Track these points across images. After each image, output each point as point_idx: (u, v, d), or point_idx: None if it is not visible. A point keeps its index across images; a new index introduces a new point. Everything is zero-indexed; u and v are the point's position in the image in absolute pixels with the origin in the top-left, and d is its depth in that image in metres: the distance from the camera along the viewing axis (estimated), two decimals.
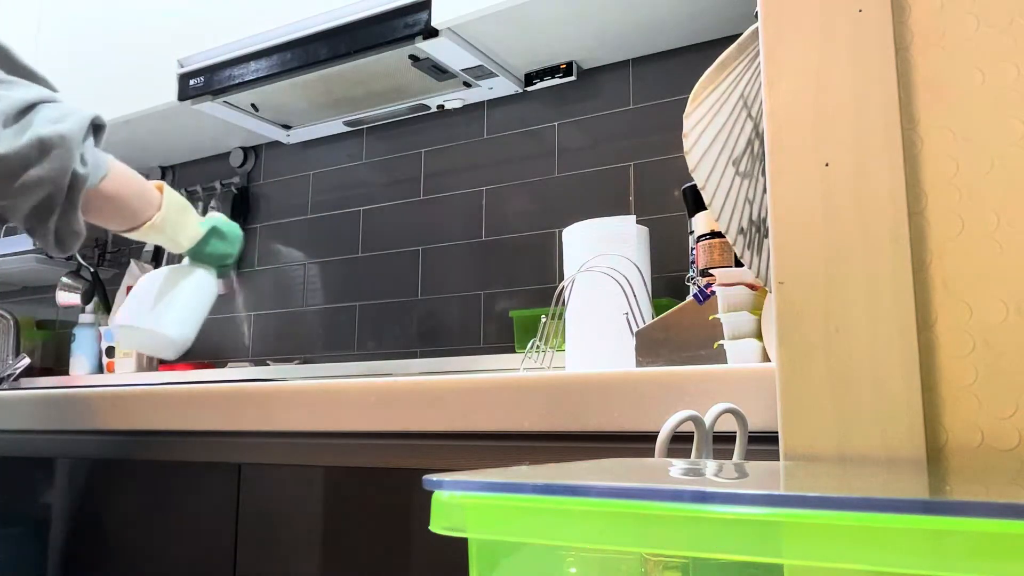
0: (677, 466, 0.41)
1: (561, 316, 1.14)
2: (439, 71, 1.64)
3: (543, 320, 1.18)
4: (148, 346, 1.10)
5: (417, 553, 0.76)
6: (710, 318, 0.82)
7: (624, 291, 1.08)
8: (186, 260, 1.14)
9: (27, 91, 0.88)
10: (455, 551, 0.73)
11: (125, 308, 1.09)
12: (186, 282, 1.10)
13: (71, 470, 1.07)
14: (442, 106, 1.82)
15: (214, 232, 1.12)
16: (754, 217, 0.63)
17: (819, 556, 0.26)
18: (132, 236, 1.01)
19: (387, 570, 0.77)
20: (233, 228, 1.17)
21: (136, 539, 0.98)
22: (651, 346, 0.88)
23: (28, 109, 0.87)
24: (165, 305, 1.08)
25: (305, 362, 1.96)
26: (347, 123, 1.93)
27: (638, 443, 0.64)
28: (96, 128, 0.92)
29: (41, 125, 0.86)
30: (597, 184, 1.68)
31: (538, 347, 1.15)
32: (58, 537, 1.06)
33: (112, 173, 0.94)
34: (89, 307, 2.22)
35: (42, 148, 0.85)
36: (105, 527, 1.01)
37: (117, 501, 1.01)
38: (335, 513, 0.82)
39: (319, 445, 0.84)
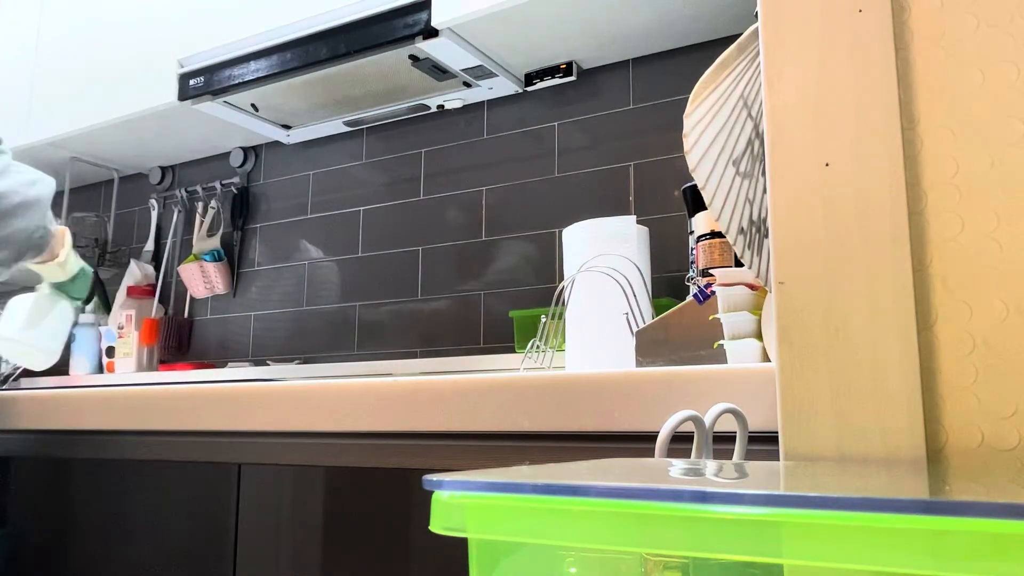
0: (677, 466, 0.41)
1: (561, 316, 1.14)
2: (439, 71, 1.64)
3: (543, 320, 1.18)
4: (22, 357, 1.31)
5: (417, 553, 0.76)
6: (710, 318, 0.82)
7: (624, 291, 1.08)
8: (45, 289, 1.37)
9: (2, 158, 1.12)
10: (455, 551, 0.73)
11: (6, 323, 1.31)
12: (57, 309, 1.34)
13: (71, 470, 1.07)
14: (442, 106, 1.82)
15: (82, 273, 1.37)
16: (754, 217, 0.63)
17: (819, 556, 0.26)
18: (34, 267, 1.26)
19: (387, 570, 0.77)
20: (88, 274, 1.42)
21: (136, 539, 0.98)
22: (651, 346, 0.88)
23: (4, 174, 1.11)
24: (43, 327, 1.32)
25: (305, 362, 1.96)
26: (347, 123, 1.93)
27: (638, 443, 0.64)
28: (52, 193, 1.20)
29: (24, 188, 1.12)
30: (597, 184, 1.68)
31: (538, 347, 1.15)
32: (58, 537, 1.06)
33: (59, 231, 1.23)
34: (89, 307, 2.22)
35: (26, 207, 1.12)
36: (105, 527, 1.01)
37: (117, 501, 1.01)
38: (335, 513, 0.82)
39: (319, 445, 0.84)
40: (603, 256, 1.12)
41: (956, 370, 0.43)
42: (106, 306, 2.22)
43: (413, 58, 1.58)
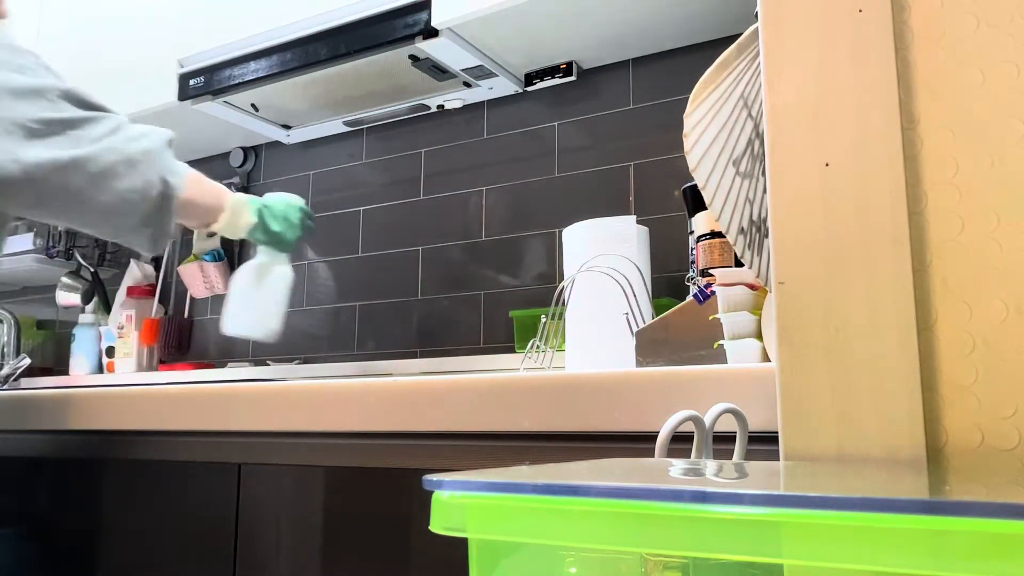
0: (677, 466, 0.41)
1: (561, 316, 1.14)
2: (439, 71, 1.64)
3: (543, 320, 1.18)
4: (249, 334, 1.33)
5: (417, 553, 0.76)
6: (710, 318, 0.82)
7: (624, 291, 1.08)
8: (260, 254, 1.31)
9: (106, 122, 1.02)
10: (455, 551, 0.73)
11: (234, 318, 1.32)
12: (270, 281, 1.32)
13: (71, 470, 1.07)
14: (442, 106, 1.82)
15: (264, 215, 1.26)
16: (754, 217, 0.63)
17: (819, 556, 0.26)
18: (205, 230, 1.20)
19: (387, 570, 0.77)
20: (282, 206, 1.30)
21: (136, 539, 0.98)
22: (651, 346, 0.88)
23: (109, 134, 1.01)
24: (263, 311, 1.32)
25: (305, 362, 1.96)
26: (347, 123, 1.93)
27: (638, 443, 0.64)
28: (169, 142, 1.09)
29: (124, 144, 1.01)
30: (597, 184, 1.68)
31: (538, 347, 1.15)
32: (57, 537, 1.06)
33: (189, 180, 1.10)
34: (89, 307, 2.22)
35: (130, 163, 1.00)
36: (105, 527, 1.01)
37: (117, 501, 1.01)
38: (335, 513, 0.82)
39: (319, 445, 0.84)
40: (603, 256, 1.12)
41: (956, 370, 0.43)
42: (106, 306, 2.22)
43: (413, 58, 1.58)
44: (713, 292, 0.83)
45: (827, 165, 0.46)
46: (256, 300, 1.31)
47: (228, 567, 0.89)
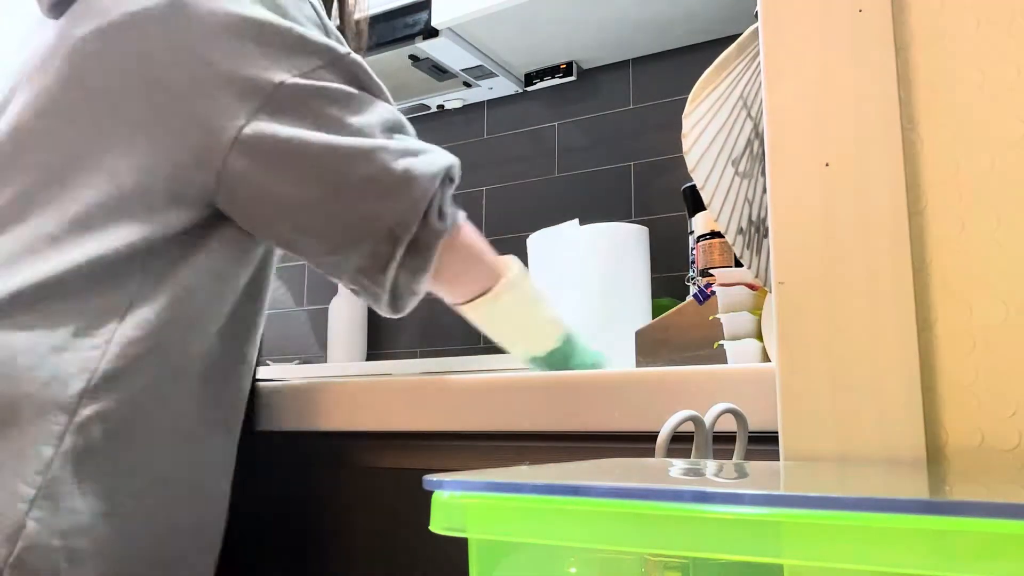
0: (677, 466, 0.41)
1: None
2: (439, 71, 1.64)
3: None
4: None
5: (417, 553, 0.76)
6: (710, 318, 0.82)
7: (628, 291, 1.08)
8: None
9: (385, 112, 0.73)
10: (455, 551, 0.73)
11: None
12: None
13: None
14: (442, 106, 1.82)
15: (569, 350, 0.84)
16: (754, 217, 0.63)
17: (819, 556, 0.26)
18: (465, 311, 0.81)
19: (387, 570, 0.77)
20: (594, 359, 0.87)
21: None
22: (651, 346, 0.88)
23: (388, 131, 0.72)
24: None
25: (304, 362, 1.96)
26: None
27: (638, 443, 0.64)
28: (451, 178, 0.75)
29: (383, 153, 0.69)
30: (597, 184, 1.68)
31: None
32: None
33: (464, 230, 0.77)
34: None
35: (374, 181, 0.68)
36: None
37: None
38: (335, 513, 0.82)
39: (318, 445, 0.84)
40: (605, 257, 1.13)
41: (956, 370, 0.43)
42: None
43: (413, 58, 1.58)
44: (713, 292, 0.83)
45: (827, 165, 0.46)
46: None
47: (220, 565, 0.89)
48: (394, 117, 0.74)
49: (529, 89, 1.73)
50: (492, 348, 1.72)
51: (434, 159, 0.73)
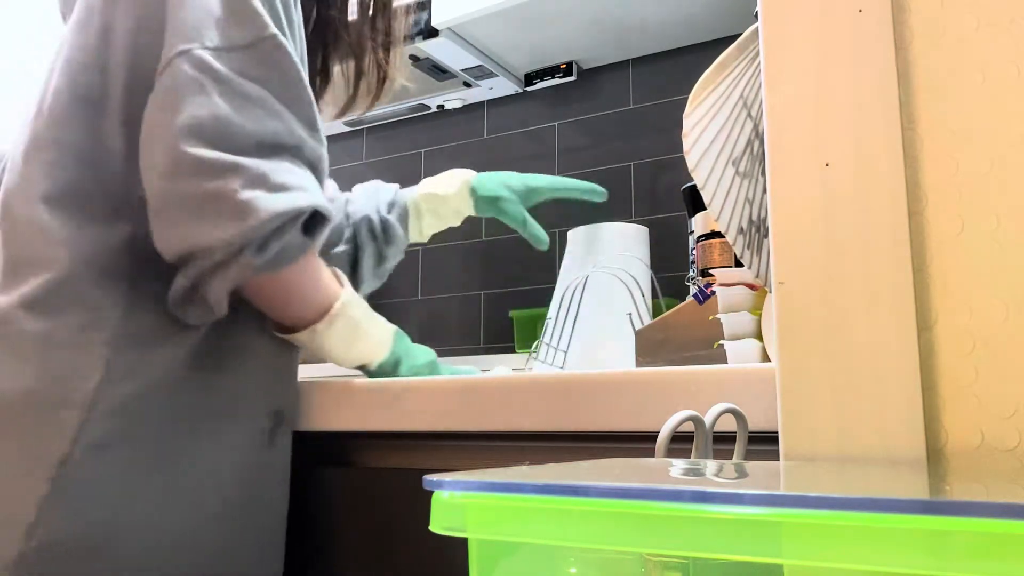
0: (677, 466, 0.41)
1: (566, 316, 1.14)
2: (439, 71, 1.64)
3: (548, 320, 1.18)
4: None
5: (417, 553, 0.76)
6: (710, 318, 0.82)
7: (630, 291, 1.08)
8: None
9: (278, 126, 0.67)
10: (455, 551, 0.73)
11: None
12: None
13: None
14: (442, 106, 1.82)
15: (398, 356, 0.85)
16: (754, 217, 0.63)
17: (819, 556, 0.26)
18: (287, 338, 0.80)
19: (387, 570, 0.77)
20: (425, 358, 0.88)
21: None
22: (651, 346, 0.88)
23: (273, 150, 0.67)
24: None
25: (304, 362, 1.96)
26: (347, 123, 1.93)
27: (638, 443, 0.64)
28: (315, 221, 0.70)
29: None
30: (597, 184, 1.68)
31: (545, 345, 1.15)
32: None
33: (301, 265, 0.72)
34: None
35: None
36: None
37: None
38: (335, 513, 0.82)
39: (318, 445, 0.84)
40: (608, 256, 1.12)
41: (956, 370, 0.43)
42: None
43: (413, 58, 1.58)
44: (713, 292, 0.83)
45: (827, 165, 0.46)
46: None
47: None
48: (287, 136, 0.68)
49: (529, 89, 1.73)
50: (492, 348, 1.72)
51: (290, 198, 0.66)
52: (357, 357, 0.83)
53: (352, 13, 0.92)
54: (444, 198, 1.10)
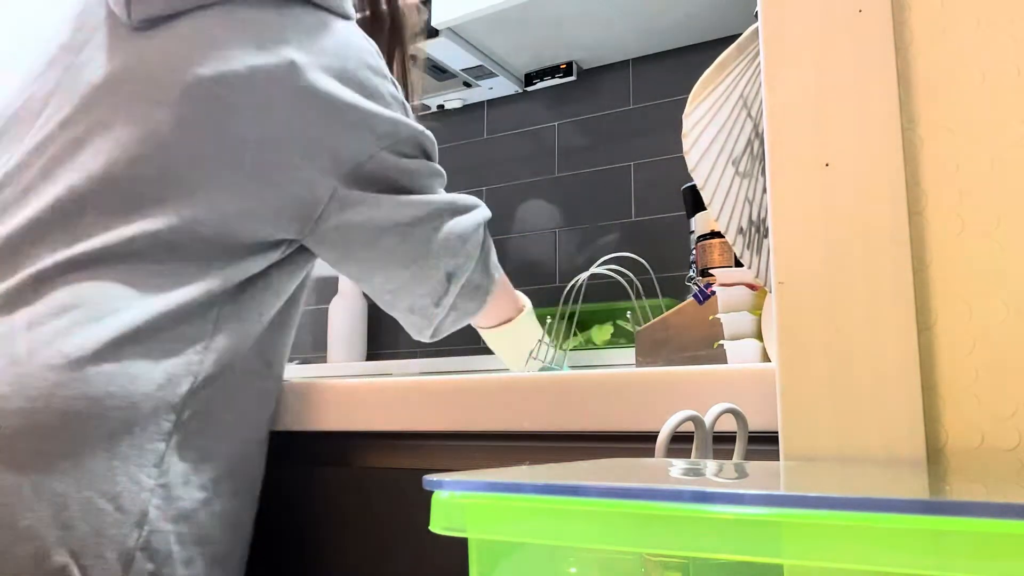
0: (677, 466, 0.41)
1: (566, 316, 1.14)
2: (439, 71, 1.64)
3: (548, 320, 1.18)
4: None
5: (417, 553, 0.76)
6: (710, 318, 0.82)
7: (629, 291, 1.08)
8: None
9: (440, 175, 0.86)
10: (455, 551, 0.73)
11: None
12: None
13: None
14: (442, 106, 1.82)
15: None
16: (754, 217, 0.63)
17: (819, 556, 0.26)
18: (486, 332, 0.99)
19: (387, 570, 0.77)
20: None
21: None
22: (651, 346, 0.88)
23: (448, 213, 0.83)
24: None
25: (304, 362, 1.96)
26: None
27: (638, 443, 0.64)
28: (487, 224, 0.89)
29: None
30: (597, 184, 1.68)
31: (548, 344, 1.15)
32: None
33: (501, 270, 0.92)
34: None
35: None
36: None
37: None
38: (335, 513, 0.82)
39: (318, 445, 0.84)
40: (608, 256, 1.12)
41: (956, 370, 0.43)
42: None
43: (413, 58, 1.58)
44: (713, 292, 0.83)
45: (827, 165, 0.46)
46: None
47: None
48: (443, 176, 0.87)
49: (529, 89, 1.73)
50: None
51: (477, 214, 0.85)
52: (526, 350, 1.03)
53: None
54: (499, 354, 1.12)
